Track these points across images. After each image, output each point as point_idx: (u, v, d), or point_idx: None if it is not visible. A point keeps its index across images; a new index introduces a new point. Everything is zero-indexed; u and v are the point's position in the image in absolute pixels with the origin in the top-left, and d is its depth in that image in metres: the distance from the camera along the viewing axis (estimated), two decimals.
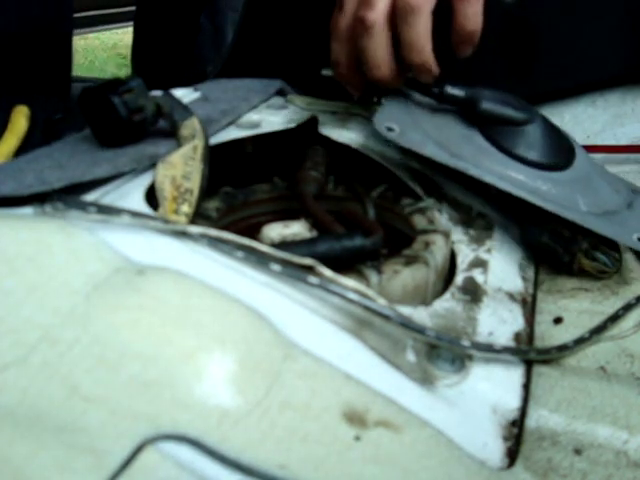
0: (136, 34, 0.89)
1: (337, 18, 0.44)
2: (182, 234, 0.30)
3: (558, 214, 0.39)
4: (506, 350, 0.31)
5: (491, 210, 0.45)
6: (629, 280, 0.39)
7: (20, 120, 0.53)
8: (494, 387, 0.30)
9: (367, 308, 0.29)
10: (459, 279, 0.37)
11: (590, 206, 0.41)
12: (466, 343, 0.30)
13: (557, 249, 0.40)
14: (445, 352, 0.31)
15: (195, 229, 0.30)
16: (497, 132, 0.43)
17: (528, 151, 0.43)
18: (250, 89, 0.53)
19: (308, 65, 0.38)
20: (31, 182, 0.34)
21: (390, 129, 0.42)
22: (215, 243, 0.30)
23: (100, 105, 0.41)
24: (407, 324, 0.29)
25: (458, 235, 0.42)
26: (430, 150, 0.41)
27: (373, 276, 0.33)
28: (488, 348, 0.31)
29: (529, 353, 0.32)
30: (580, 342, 0.33)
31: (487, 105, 0.43)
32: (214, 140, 0.45)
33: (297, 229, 0.37)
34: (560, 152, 0.44)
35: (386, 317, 0.29)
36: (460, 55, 0.44)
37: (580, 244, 0.39)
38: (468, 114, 0.44)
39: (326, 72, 0.49)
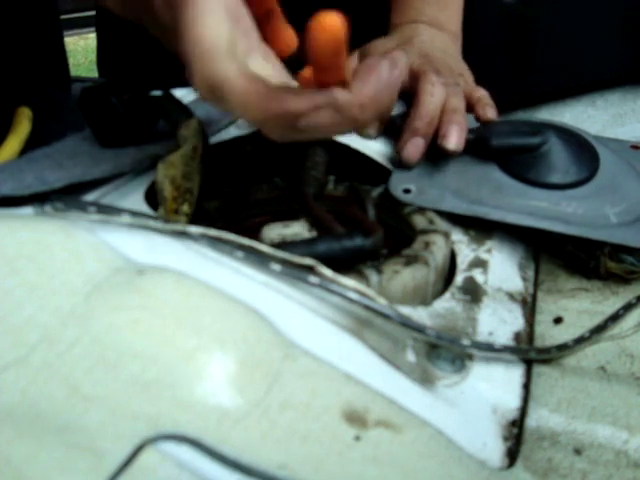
0: (99, 39, 0.88)
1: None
2: (182, 234, 0.30)
3: (587, 237, 0.39)
4: (506, 349, 0.32)
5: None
6: (630, 279, 0.39)
7: (23, 122, 0.53)
8: (494, 387, 0.30)
9: (367, 307, 0.29)
10: (459, 279, 0.38)
11: (621, 215, 0.41)
12: (466, 342, 0.30)
13: (581, 256, 0.40)
14: (445, 352, 0.31)
15: (195, 229, 0.30)
16: (514, 162, 0.44)
17: (548, 175, 0.43)
18: None
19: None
20: (31, 182, 0.34)
21: (407, 190, 0.43)
22: (215, 243, 0.30)
23: (100, 105, 0.41)
24: (407, 323, 0.29)
25: (458, 235, 0.42)
26: (448, 204, 0.42)
27: (373, 276, 0.33)
28: (488, 347, 0.31)
29: (529, 352, 0.32)
30: (580, 342, 0.33)
31: (498, 141, 0.44)
32: (214, 140, 0.45)
33: (297, 229, 0.37)
34: (582, 164, 0.44)
35: (386, 316, 0.29)
36: None
37: (603, 248, 0.38)
38: (483, 153, 0.45)
39: None
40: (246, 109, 0.28)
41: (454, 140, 0.44)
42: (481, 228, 0.42)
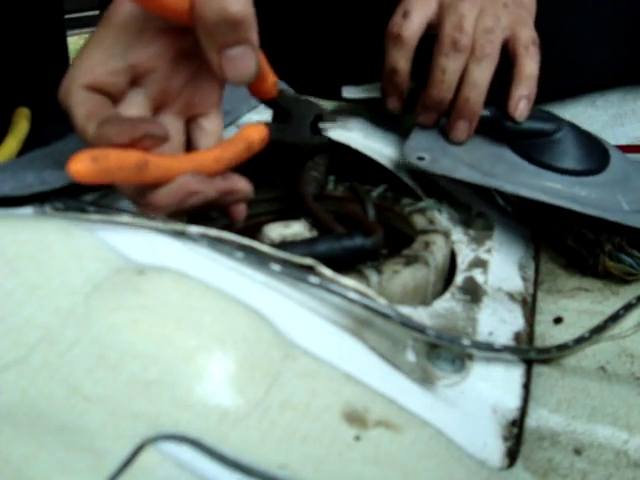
0: None
1: (400, 22, 0.44)
2: (182, 234, 0.30)
3: (602, 217, 0.39)
4: (506, 349, 0.32)
5: (491, 210, 0.45)
6: (627, 280, 0.39)
7: (22, 122, 0.53)
8: (494, 387, 0.30)
9: (367, 307, 0.29)
10: (459, 279, 0.38)
11: (632, 204, 0.41)
12: (466, 342, 0.30)
13: (581, 251, 0.40)
14: (445, 352, 0.31)
15: (195, 229, 0.30)
16: (528, 146, 0.44)
17: (561, 160, 0.43)
18: None
19: (308, 65, 0.38)
20: (31, 182, 0.34)
21: (421, 158, 0.43)
22: (215, 243, 0.30)
23: None
24: (407, 323, 0.29)
25: (458, 235, 0.42)
26: (463, 173, 0.42)
27: (373, 276, 0.33)
28: (488, 347, 0.31)
29: (529, 352, 0.32)
30: (580, 342, 0.33)
31: (513, 123, 0.44)
32: None
33: (297, 229, 0.37)
34: (594, 156, 0.44)
35: (386, 316, 0.29)
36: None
37: (604, 246, 0.38)
38: (496, 133, 0.45)
39: (349, 94, 0.50)
40: (78, 134, 0.32)
41: (458, 135, 0.44)
42: (481, 228, 0.42)
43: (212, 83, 0.36)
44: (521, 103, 0.44)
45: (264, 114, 0.50)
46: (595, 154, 0.44)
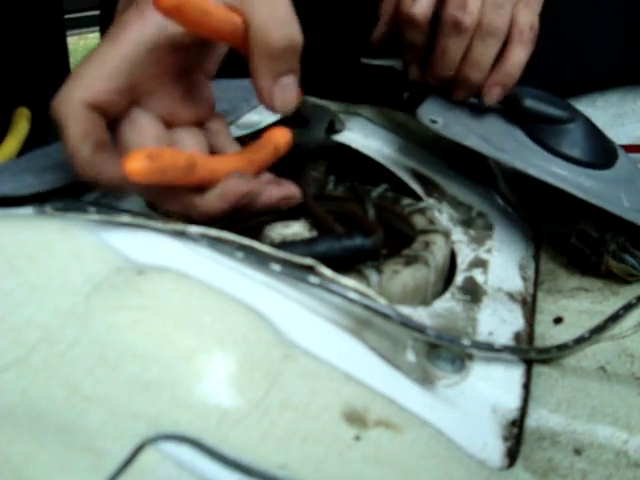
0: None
1: (410, 4, 0.44)
2: (182, 234, 0.30)
3: (602, 207, 0.39)
4: (506, 349, 0.32)
5: (491, 210, 0.45)
6: (629, 281, 0.39)
7: (22, 122, 0.53)
8: (494, 387, 0.30)
9: (367, 307, 0.29)
10: (459, 279, 0.38)
11: (633, 203, 0.41)
12: (466, 342, 0.30)
13: (585, 250, 0.40)
14: (445, 352, 0.31)
15: (195, 229, 0.30)
16: (539, 130, 0.44)
17: (571, 148, 0.43)
18: (250, 89, 0.52)
19: (308, 65, 0.38)
20: (31, 182, 0.34)
21: (434, 121, 0.43)
22: (215, 243, 0.30)
23: None
24: (407, 323, 0.29)
25: (458, 235, 0.42)
26: (474, 141, 0.42)
27: (373, 276, 0.33)
28: (488, 347, 0.31)
29: (529, 352, 0.32)
30: (580, 341, 0.33)
31: (530, 102, 0.44)
32: None
33: (297, 229, 0.37)
34: (603, 151, 0.44)
35: (386, 316, 0.29)
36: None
37: (608, 246, 0.38)
38: (510, 112, 0.45)
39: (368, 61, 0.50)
40: (68, 152, 0.30)
41: (458, 97, 0.45)
42: (481, 228, 0.42)
43: (205, 90, 0.35)
44: (494, 89, 0.43)
45: (264, 114, 0.50)
46: (604, 151, 0.45)
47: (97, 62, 0.31)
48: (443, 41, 0.43)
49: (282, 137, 0.37)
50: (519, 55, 0.43)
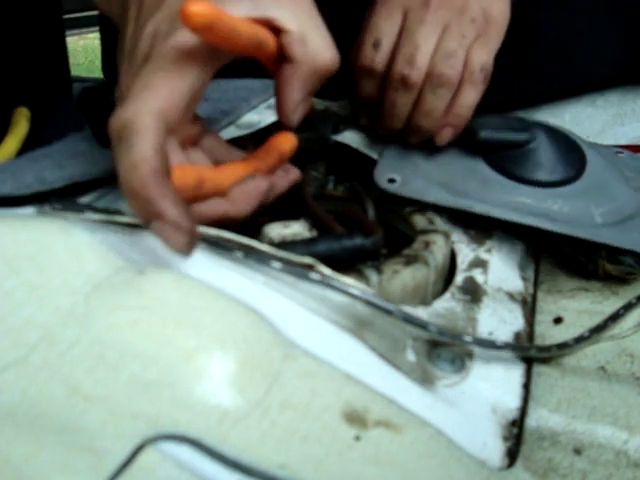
0: (104, 41, 0.88)
1: (371, 54, 0.43)
2: None
3: (572, 235, 0.39)
4: (507, 346, 0.32)
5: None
6: (629, 280, 0.39)
7: (22, 122, 0.53)
8: (494, 387, 0.30)
9: (369, 303, 0.29)
10: (459, 279, 0.38)
11: (606, 216, 0.41)
12: (468, 338, 0.30)
13: (579, 258, 0.40)
14: (445, 352, 0.31)
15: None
16: (501, 158, 0.43)
17: (535, 172, 0.42)
18: (250, 89, 0.53)
19: None
20: (31, 182, 0.34)
21: (392, 180, 0.42)
22: (215, 243, 0.30)
23: (100, 105, 0.41)
24: (409, 319, 0.29)
25: (458, 235, 0.42)
26: (433, 196, 0.41)
27: (373, 276, 0.33)
28: (490, 344, 0.31)
29: (530, 350, 0.32)
30: (580, 341, 0.33)
31: (485, 133, 0.43)
32: None
33: (297, 229, 0.37)
34: (569, 163, 0.44)
35: (388, 312, 0.29)
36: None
37: (600, 250, 0.38)
38: (469, 145, 0.44)
39: (320, 106, 0.50)
40: (130, 162, 0.27)
41: (411, 142, 0.45)
42: (481, 228, 0.42)
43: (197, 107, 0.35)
44: (445, 131, 0.43)
45: (264, 114, 0.50)
46: (570, 162, 0.44)
47: (166, 77, 0.29)
48: (392, 95, 0.42)
49: (288, 143, 0.37)
50: (470, 97, 0.42)
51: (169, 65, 0.29)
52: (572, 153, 0.45)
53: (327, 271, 0.29)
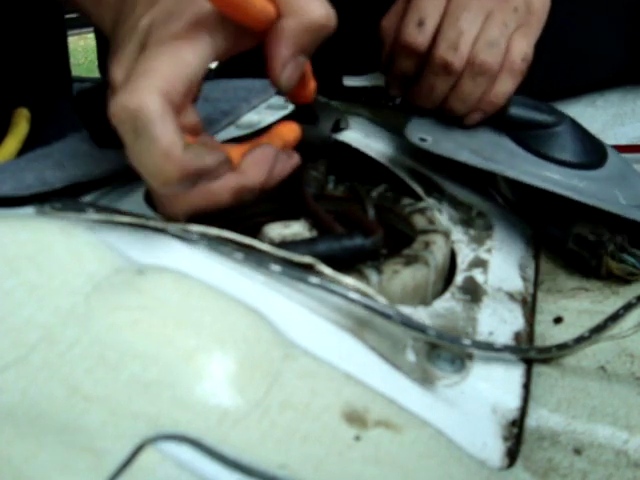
0: (98, 39, 0.87)
1: (415, 33, 0.42)
2: (182, 234, 0.30)
3: (600, 207, 0.39)
4: (506, 349, 0.32)
5: (491, 210, 0.45)
6: (630, 280, 0.39)
7: (22, 123, 0.53)
8: (494, 387, 0.30)
9: (367, 307, 0.29)
10: (459, 279, 0.38)
11: (629, 199, 0.41)
12: (467, 342, 0.30)
13: (583, 254, 0.40)
14: (445, 352, 0.31)
15: (195, 228, 0.30)
16: (527, 136, 0.44)
17: (560, 152, 0.43)
18: (250, 89, 0.53)
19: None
20: (31, 182, 0.34)
21: (423, 139, 0.43)
22: (215, 244, 0.30)
23: (95, 108, 0.40)
24: (408, 323, 0.29)
25: (458, 235, 0.42)
26: (465, 156, 0.42)
27: (373, 276, 0.33)
28: (489, 347, 0.31)
29: (529, 352, 0.32)
30: (580, 341, 0.33)
31: (515, 111, 0.44)
32: None
33: (297, 229, 0.37)
34: (592, 151, 0.44)
35: (387, 316, 0.29)
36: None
37: (606, 247, 0.38)
38: (496, 121, 0.45)
39: (350, 82, 0.50)
40: (160, 152, 0.27)
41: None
42: (481, 228, 0.42)
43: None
44: (475, 115, 0.43)
45: (264, 114, 0.50)
46: (593, 150, 0.45)
47: (169, 60, 0.28)
48: (431, 79, 0.42)
49: (291, 132, 0.36)
50: (506, 86, 0.42)
51: (168, 47, 0.29)
52: (594, 144, 0.45)
53: (327, 270, 0.29)
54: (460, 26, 0.41)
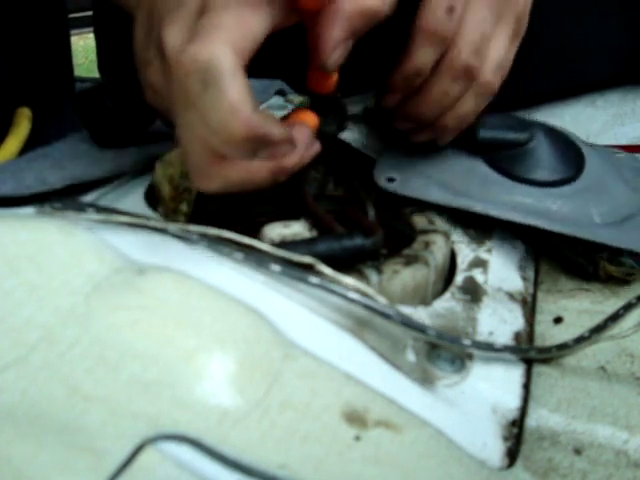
0: (98, 39, 0.86)
1: (444, 18, 0.36)
2: (182, 234, 0.30)
3: (571, 235, 0.39)
4: (506, 349, 0.32)
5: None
6: (630, 280, 0.39)
7: (23, 123, 0.53)
8: (494, 387, 0.30)
9: (367, 307, 0.29)
10: (459, 279, 0.38)
11: (605, 216, 0.41)
12: (467, 342, 0.30)
13: (579, 260, 0.40)
14: (445, 352, 0.31)
15: (195, 228, 0.30)
16: (501, 158, 0.43)
17: (534, 171, 0.42)
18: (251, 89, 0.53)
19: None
20: (31, 182, 0.34)
21: (391, 179, 0.42)
22: (214, 244, 0.30)
23: (95, 108, 0.41)
24: (408, 323, 0.29)
25: (458, 235, 0.42)
26: (433, 195, 0.41)
27: (373, 276, 0.33)
28: (488, 347, 0.31)
29: (529, 352, 0.32)
30: (580, 341, 0.33)
31: (485, 133, 0.43)
32: None
33: (297, 229, 0.37)
34: (568, 163, 0.44)
35: (387, 316, 0.29)
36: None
37: (601, 252, 0.38)
38: (469, 145, 0.44)
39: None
40: (228, 106, 0.26)
41: (415, 140, 0.42)
42: (481, 228, 0.42)
43: None
44: (450, 133, 0.41)
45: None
46: (569, 161, 0.44)
47: (237, 21, 0.27)
48: (447, 85, 0.38)
49: (310, 120, 0.36)
50: (478, 104, 0.40)
51: (234, 9, 0.28)
52: (571, 152, 0.45)
53: (327, 270, 0.29)
54: (483, 28, 0.37)
